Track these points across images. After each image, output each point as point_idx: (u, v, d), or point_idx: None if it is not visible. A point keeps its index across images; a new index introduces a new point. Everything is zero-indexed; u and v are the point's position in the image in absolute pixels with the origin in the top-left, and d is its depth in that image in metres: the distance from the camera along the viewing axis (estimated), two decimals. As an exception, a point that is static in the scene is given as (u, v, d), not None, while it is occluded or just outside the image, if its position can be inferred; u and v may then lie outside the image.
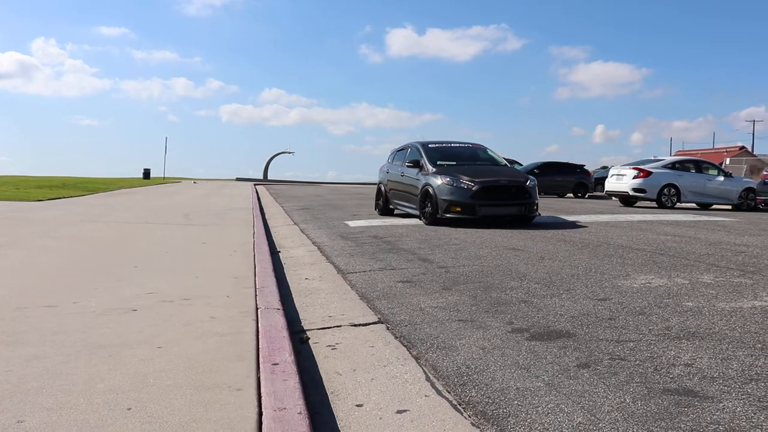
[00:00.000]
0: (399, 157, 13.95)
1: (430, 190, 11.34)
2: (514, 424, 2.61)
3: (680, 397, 2.85)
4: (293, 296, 5.33)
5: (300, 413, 2.58)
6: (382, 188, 14.24)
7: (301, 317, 4.60)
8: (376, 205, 14.67)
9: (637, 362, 3.35)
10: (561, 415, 2.68)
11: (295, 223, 12.22)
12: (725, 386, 2.99)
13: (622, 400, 2.83)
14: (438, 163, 12.15)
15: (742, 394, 2.89)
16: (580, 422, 2.60)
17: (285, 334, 3.82)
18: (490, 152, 13.58)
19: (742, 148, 65.52)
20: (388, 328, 4.17)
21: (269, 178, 72.79)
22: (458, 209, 10.96)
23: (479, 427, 2.61)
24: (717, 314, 4.39)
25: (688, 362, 3.35)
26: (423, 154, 12.47)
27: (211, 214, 13.42)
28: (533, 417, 2.67)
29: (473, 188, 10.98)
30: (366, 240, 9.06)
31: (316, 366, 3.52)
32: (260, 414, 2.59)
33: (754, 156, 58.43)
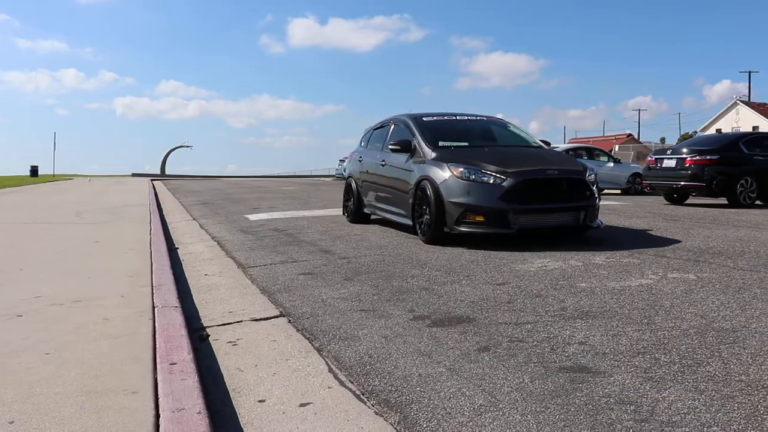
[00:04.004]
0: (377, 138, 10.02)
1: (430, 187, 7.31)
2: (417, 410, 2.64)
3: (575, 374, 2.96)
4: (192, 293, 5.19)
5: (199, 413, 2.51)
6: (353, 184, 10.22)
7: (200, 314, 4.49)
8: (345, 208, 10.71)
9: (535, 343, 3.45)
10: (462, 398, 2.73)
11: (194, 219, 11.91)
12: (615, 361, 3.13)
13: (521, 380, 2.91)
14: (440, 144, 8.12)
15: (630, 367, 3.03)
16: (481, 404, 2.65)
17: (184, 332, 3.71)
18: (513, 128, 9.48)
19: (630, 135, 68.95)
20: (289, 321, 4.13)
21: (167, 173, 70.76)
22: (479, 218, 6.93)
23: (382, 416, 2.61)
24: (608, 293, 4.58)
25: (582, 340, 3.47)
26: (416, 132, 8.39)
27: (104, 212, 12.90)
28: (435, 402, 2.70)
29: (505, 183, 6.91)
30: (267, 233, 8.94)
31: (217, 363, 3.43)
32: (157, 416, 2.50)
33: (641, 143, 61.60)
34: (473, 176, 7.06)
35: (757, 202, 13.86)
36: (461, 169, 7.16)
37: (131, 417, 2.50)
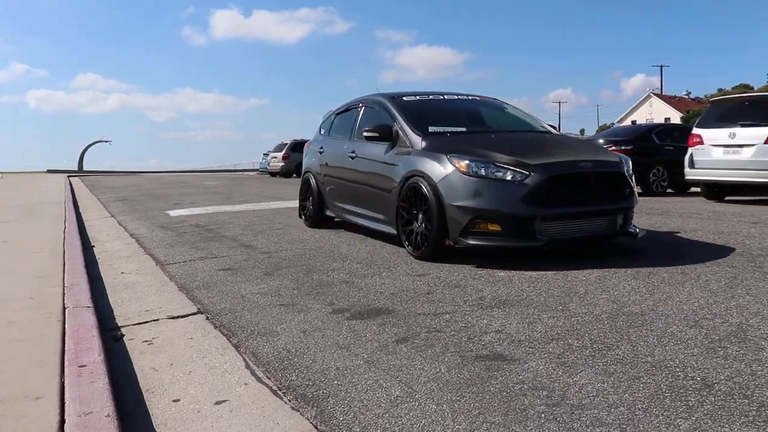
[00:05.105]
0: (343, 125, 8.17)
1: (426, 186, 5.69)
2: (333, 404, 2.63)
3: (491, 362, 3.00)
4: (108, 292, 5.02)
5: (108, 416, 2.43)
6: (312, 181, 8.46)
7: (115, 314, 4.35)
8: (302, 210, 8.89)
9: (452, 333, 3.49)
10: (379, 390, 2.73)
11: (111, 216, 11.55)
12: (530, 348, 3.19)
13: (438, 370, 2.93)
14: (431, 130, 6.44)
15: (544, 354, 3.09)
16: (397, 395, 2.66)
17: (95, 333, 3.59)
18: (512, 110, 7.86)
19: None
20: (207, 318, 4.05)
21: (85, 169, 68.51)
22: (495, 227, 5.31)
23: (299, 411, 2.59)
24: (525, 282, 4.68)
25: (498, 329, 3.53)
26: (397, 115, 6.69)
27: (16, 210, 12.37)
28: (352, 395, 2.70)
29: (529, 180, 5.28)
30: (187, 229, 8.75)
31: (131, 363, 3.34)
32: (62, 422, 2.40)
33: (561, 134, 63.09)
34: (484, 171, 5.40)
35: (669, 191, 14.42)
36: (467, 162, 5.48)
37: (33, 424, 2.39)
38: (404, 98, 7.17)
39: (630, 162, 6.16)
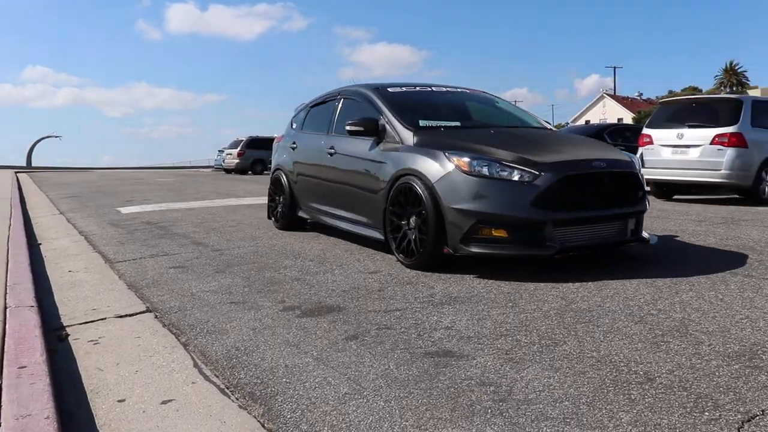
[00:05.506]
0: (319, 118, 7.48)
1: (421, 186, 5.10)
2: (281, 401, 2.61)
3: (440, 359, 3.02)
4: (54, 291, 4.91)
5: (47, 417, 2.37)
6: (283, 179, 7.79)
7: (61, 313, 4.25)
8: (271, 211, 8.23)
9: (402, 330, 3.49)
10: (328, 387, 2.72)
11: (61, 213, 11.29)
12: (479, 344, 3.22)
13: (387, 367, 2.94)
14: (422, 124, 5.86)
15: (493, 350, 3.12)
16: (345, 393, 2.66)
17: (38, 333, 3.50)
18: (503, 104, 7.29)
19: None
20: (156, 317, 3.99)
21: (34, 165, 66.75)
22: (500, 233, 4.79)
23: (246, 409, 2.57)
24: (476, 278, 4.71)
25: (448, 325, 3.55)
26: (383, 108, 6.07)
27: (-41, 207, 12.01)
28: (300, 392, 2.69)
29: (539, 181, 4.77)
30: (138, 226, 8.60)
31: (76, 364, 3.26)
32: (-1, 424, 2.34)
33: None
34: (488, 170, 4.85)
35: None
36: (467, 160, 4.92)
37: (-32, 426, 2.33)
38: (389, 89, 6.53)
39: (638, 161, 5.61)
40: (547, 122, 7.15)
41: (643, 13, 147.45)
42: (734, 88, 63.93)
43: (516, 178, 4.79)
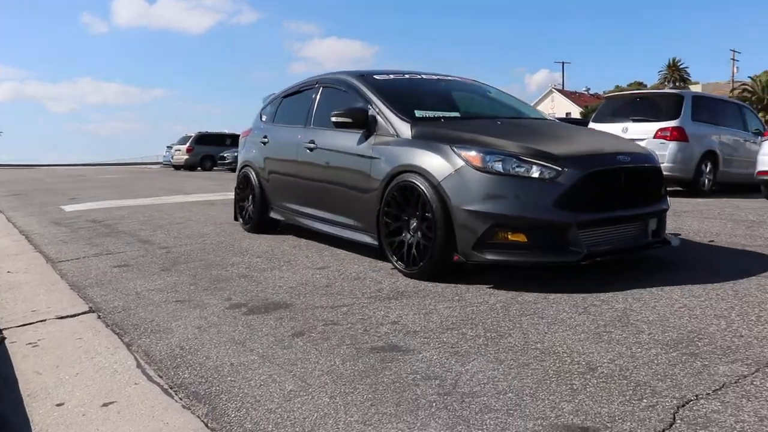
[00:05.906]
0: (294, 110, 6.78)
1: (425, 185, 4.48)
2: (226, 400, 2.58)
3: (386, 354, 3.02)
4: (-9, 293, 4.77)
5: (-19, 423, 2.30)
6: (252, 177, 7.08)
7: (-2, 316, 4.14)
8: (239, 211, 7.48)
9: (349, 325, 3.49)
10: (273, 385, 2.70)
11: (0, 211, 10.98)
12: (425, 338, 3.23)
13: (333, 363, 2.93)
14: (418, 115, 5.16)
15: (439, 344, 3.14)
16: (291, 390, 2.64)
17: (-27, 336, 3.40)
18: (498, 94, 6.58)
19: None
20: (99, 317, 3.90)
21: (-26, 162, 64.69)
22: (519, 237, 4.18)
23: (190, 409, 2.54)
24: (424, 273, 4.73)
25: (395, 320, 3.56)
26: (372, 97, 5.38)
27: None
28: (246, 391, 2.66)
29: (562, 179, 4.19)
30: (82, 225, 8.41)
31: (12, 368, 3.18)
32: (-71, 431, 2.26)
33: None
34: (503, 166, 4.25)
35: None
36: (479, 155, 4.32)
37: None
38: (376, 77, 5.86)
39: (657, 156, 5.23)
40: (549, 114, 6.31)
41: (592, 10, 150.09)
42: (677, 84, 65.71)
43: (536, 174, 4.21)
